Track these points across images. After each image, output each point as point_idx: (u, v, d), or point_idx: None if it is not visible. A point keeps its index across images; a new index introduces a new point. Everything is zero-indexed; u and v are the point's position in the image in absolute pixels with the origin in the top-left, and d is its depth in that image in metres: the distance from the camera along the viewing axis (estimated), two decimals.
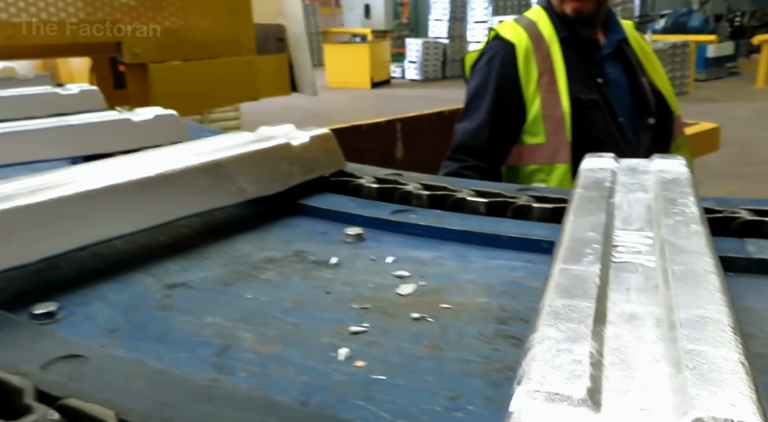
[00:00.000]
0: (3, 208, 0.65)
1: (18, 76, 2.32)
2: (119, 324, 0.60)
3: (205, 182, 0.82)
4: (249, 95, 2.31)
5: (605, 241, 0.55)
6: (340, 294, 0.66)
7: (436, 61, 15.72)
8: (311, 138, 0.98)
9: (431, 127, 4.23)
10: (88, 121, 1.22)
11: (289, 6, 2.33)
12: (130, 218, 0.75)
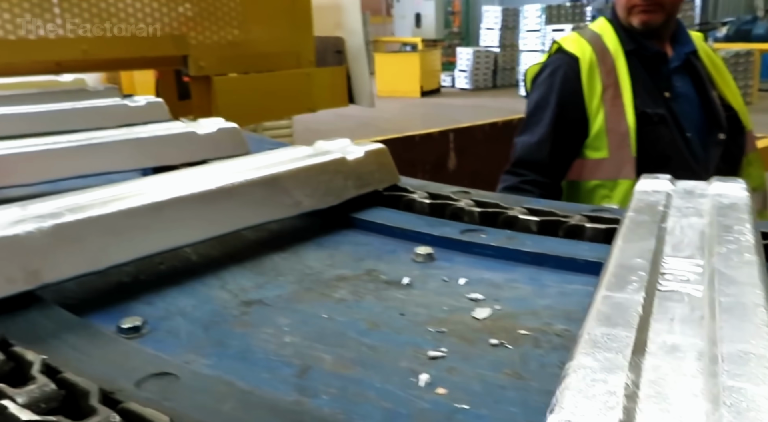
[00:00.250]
0: (77, 218, 0.69)
1: (88, 87, 2.43)
2: (201, 340, 0.62)
3: (262, 195, 0.85)
4: (307, 107, 2.35)
5: (652, 268, 0.54)
6: (415, 316, 0.65)
7: (487, 69, 15.62)
8: (366, 153, 0.99)
9: (484, 138, 4.20)
10: (156, 135, 1.26)
11: (349, 19, 2.36)
12: (193, 228, 0.78)
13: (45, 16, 1.79)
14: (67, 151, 1.15)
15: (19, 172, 1.09)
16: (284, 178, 0.88)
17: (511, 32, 15.47)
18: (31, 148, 1.12)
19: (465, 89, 15.61)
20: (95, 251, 0.69)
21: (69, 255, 0.67)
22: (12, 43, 1.75)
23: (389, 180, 1.03)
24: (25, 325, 0.60)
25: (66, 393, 0.48)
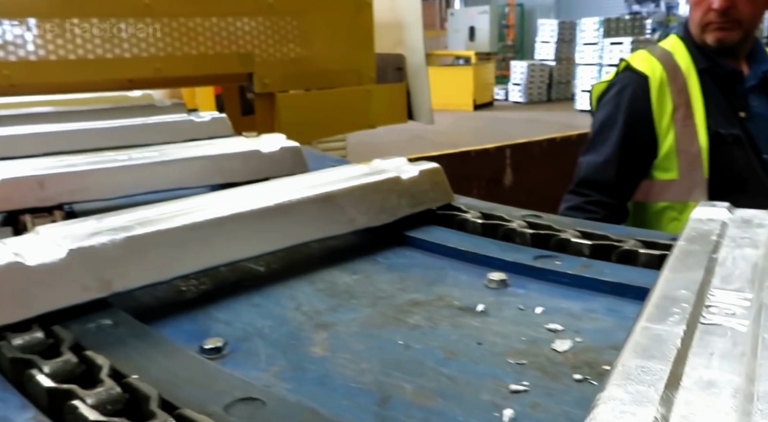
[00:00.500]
0: (145, 231, 0.73)
1: (156, 102, 2.52)
2: (280, 363, 0.62)
3: (318, 212, 0.88)
4: (367, 123, 2.37)
5: (697, 301, 0.53)
6: (493, 346, 0.64)
7: (542, 83, 15.42)
8: (420, 172, 1.01)
9: (542, 154, 4.14)
10: (222, 153, 1.30)
11: (410, 37, 2.38)
12: (251, 243, 0.81)
13: (122, 36, 1.87)
14: (140, 169, 1.20)
15: (97, 188, 1.15)
16: (340, 196, 0.91)
17: (568, 45, 15.23)
18: (108, 164, 1.18)
19: (518, 103, 15.44)
20: (162, 262, 0.73)
21: (138, 266, 0.71)
22: (91, 62, 1.84)
23: (443, 199, 1.05)
24: (97, 332, 0.63)
25: (129, 397, 0.51)
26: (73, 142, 1.56)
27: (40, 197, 1.09)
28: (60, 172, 1.12)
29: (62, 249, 0.67)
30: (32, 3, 1.78)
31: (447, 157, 3.86)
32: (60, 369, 0.55)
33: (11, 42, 1.73)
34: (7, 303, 0.62)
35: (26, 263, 0.64)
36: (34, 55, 1.76)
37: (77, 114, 2.03)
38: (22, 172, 1.10)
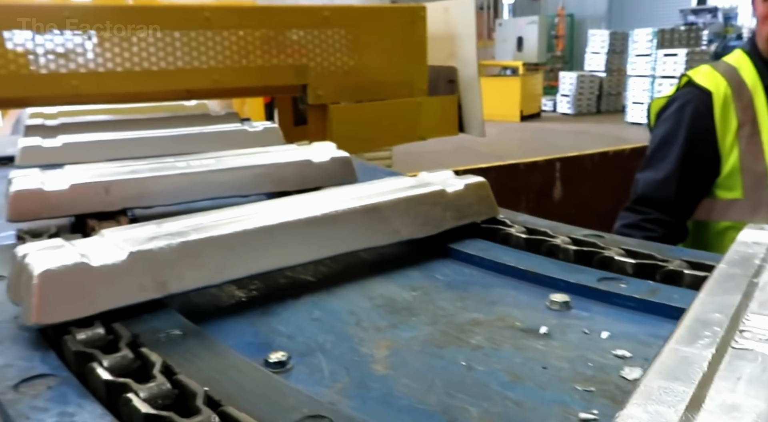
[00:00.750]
0: (200, 237, 0.77)
1: (210, 111, 2.58)
2: (344, 380, 0.63)
3: (363, 223, 0.91)
4: (418, 135, 2.37)
5: (731, 325, 0.52)
6: (559, 371, 0.63)
7: (591, 94, 15.15)
8: (466, 186, 1.02)
9: (593, 168, 4.06)
10: (275, 162, 1.35)
11: (463, 50, 2.37)
12: (298, 251, 0.85)
13: (183, 48, 1.93)
14: (197, 176, 1.25)
15: (158, 194, 1.20)
16: (385, 207, 0.93)
17: (619, 56, 14.94)
18: (168, 172, 1.23)
19: (567, 114, 15.21)
20: (213, 266, 0.77)
21: (192, 269, 0.75)
22: (153, 73, 1.90)
23: (488, 213, 1.05)
24: (167, 342, 0.64)
25: (179, 393, 0.54)
26: (135, 149, 1.63)
27: (105, 202, 1.15)
28: (124, 179, 1.18)
29: (123, 251, 0.71)
30: (100, 16, 1.85)
31: (495, 169, 3.83)
32: (117, 363, 0.59)
33: (80, 54, 1.81)
34: (72, 300, 0.66)
35: (91, 264, 0.68)
36: (102, 66, 1.83)
37: (138, 122, 2.10)
38: (89, 177, 1.15)
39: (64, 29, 1.77)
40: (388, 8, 2.57)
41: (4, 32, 1.72)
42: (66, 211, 1.13)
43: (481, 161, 8.85)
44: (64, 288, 0.66)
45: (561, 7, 18.51)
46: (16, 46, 1.74)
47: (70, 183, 1.12)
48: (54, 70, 1.77)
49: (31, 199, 1.08)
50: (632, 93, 13.29)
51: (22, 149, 1.52)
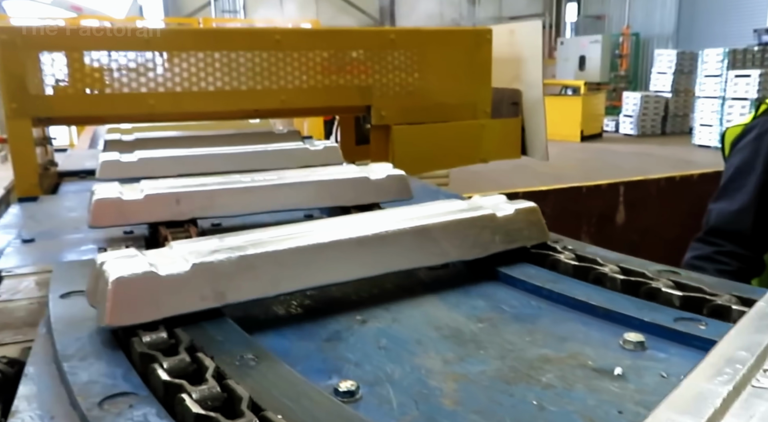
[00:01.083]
0: (256, 251, 0.83)
1: (273, 129, 2.64)
2: (413, 413, 0.62)
3: (413, 243, 0.95)
4: (480, 157, 2.35)
5: (755, 363, 0.52)
6: (636, 417, 0.61)
7: (656, 115, 14.71)
8: (516, 210, 1.05)
9: (659, 193, 3.93)
10: (334, 178, 1.41)
11: (528, 72, 2.35)
12: (349, 268, 0.90)
13: (254, 69, 1.99)
14: (260, 190, 1.32)
15: (224, 205, 1.29)
16: (435, 229, 0.97)
17: (687, 77, 14.46)
18: (234, 185, 1.31)
19: (629, 135, 14.80)
20: (268, 280, 0.83)
21: (248, 282, 0.81)
22: (225, 93, 1.97)
23: (538, 237, 1.06)
24: (240, 366, 0.66)
25: (227, 397, 0.59)
26: (204, 165, 1.71)
27: (176, 212, 1.24)
28: (193, 191, 1.27)
29: (188, 263, 0.77)
30: (178, 40, 1.93)
31: (555, 192, 3.75)
32: (175, 366, 0.64)
33: (158, 74, 1.89)
34: (141, 306, 0.73)
35: (159, 273, 0.74)
36: (179, 86, 1.91)
37: (207, 139, 2.19)
38: (162, 189, 1.24)
39: (144, 51, 1.86)
40: (454, 31, 2.58)
41: (88, 53, 1.82)
42: (140, 219, 1.22)
43: (540, 181, 8.71)
44: (134, 294, 0.72)
45: (626, 26, 18.10)
46: (99, 67, 1.84)
47: (145, 193, 1.22)
48: (133, 90, 1.86)
49: (110, 207, 1.19)
50: (700, 114, 12.82)
51: (102, 164, 1.61)
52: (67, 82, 1.80)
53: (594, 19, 20.29)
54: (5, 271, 1.04)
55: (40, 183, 1.80)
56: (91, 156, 2.45)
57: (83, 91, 1.82)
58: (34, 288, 0.96)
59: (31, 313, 0.89)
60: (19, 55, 1.72)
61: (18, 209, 1.58)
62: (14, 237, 1.29)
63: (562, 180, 9.11)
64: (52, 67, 1.78)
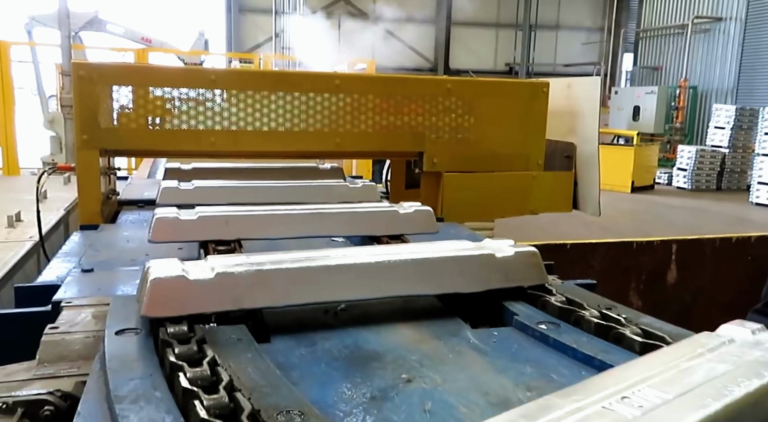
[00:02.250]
0: (271, 268, 0.99)
1: (318, 164, 2.68)
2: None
3: (411, 272, 1.08)
4: (530, 209, 2.33)
5: (622, 389, 0.60)
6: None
7: (711, 170, 14.33)
8: (516, 253, 1.14)
9: (713, 253, 3.80)
10: (364, 211, 1.60)
11: (584, 127, 2.34)
12: (348, 290, 1.04)
13: (309, 112, 2.04)
14: (295, 218, 1.52)
15: (263, 230, 1.49)
16: (433, 262, 1.10)
17: (746, 133, 14.09)
18: (273, 212, 1.52)
19: (683, 189, 14.42)
20: (278, 293, 0.98)
21: (261, 292, 0.97)
22: (281, 134, 2.02)
23: (537, 279, 1.13)
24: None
25: (233, 407, 0.66)
26: (253, 195, 1.86)
27: (224, 231, 1.44)
28: (239, 215, 1.47)
29: (214, 272, 0.95)
30: (243, 81, 2.01)
31: (605, 246, 3.67)
32: (184, 353, 0.79)
33: (218, 113, 1.96)
34: (170, 303, 0.90)
35: (188, 277, 0.93)
36: (235, 125, 1.97)
37: (256, 171, 2.27)
38: (213, 212, 1.45)
39: (209, 90, 1.94)
40: (511, 83, 2.60)
41: (158, 90, 1.91)
42: (193, 237, 1.43)
43: (588, 230, 8.53)
44: (166, 292, 0.90)
45: (684, 79, 17.86)
46: (167, 103, 1.92)
47: (198, 215, 1.43)
48: (195, 127, 1.93)
49: (168, 225, 1.40)
50: (759, 172, 12.42)
51: (162, 190, 1.73)
52: (135, 116, 1.88)
53: (650, 69, 20.11)
54: (65, 302, 1.07)
55: (102, 211, 1.88)
56: (150, 185, 2.55)
57: (149, 126, 1.90)
58: (91, 321, 0.99)
59: (87, 347, 0.92)
60: (94, 89, 1.82)
61: (79, 237, 1.65)
62: (74, 266, 1.34)
63: (611, 231, 8.90)
64: (123, 102, 1.87)
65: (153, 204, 1.74)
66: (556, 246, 3.46)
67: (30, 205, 2.85)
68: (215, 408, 0.65)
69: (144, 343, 0.85)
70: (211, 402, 0.68)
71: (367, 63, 10.73)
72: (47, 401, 0.78)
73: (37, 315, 1.06)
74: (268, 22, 17.50)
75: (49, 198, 4.06)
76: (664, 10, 19.54)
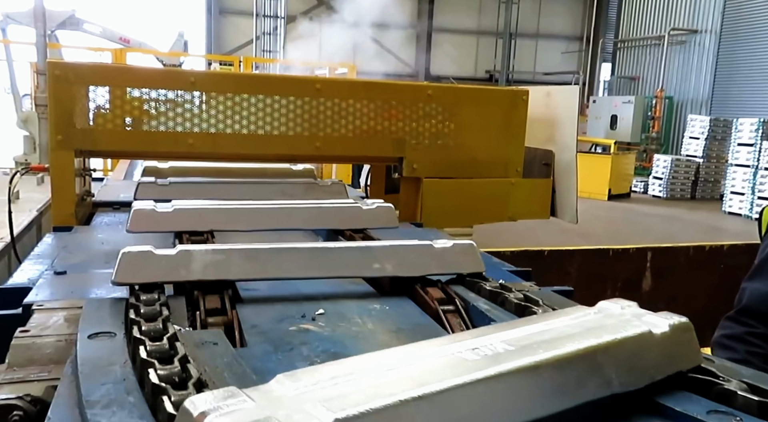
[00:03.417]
0: (225, 248, 1.15)
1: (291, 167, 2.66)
2: None
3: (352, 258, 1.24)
4: (508, 215, 2.35)
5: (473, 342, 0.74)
6: None
7: (686, 179, 14.59)
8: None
9: (687, 262, 3.86)
10: (328, 205, 1.67)
11: (562, 135, 2.37)
12: (294, 269, 1.21)
13: (289, 116, 2.04)
14: (265, 212, 1.59)
15: (233, 223, 1.57)
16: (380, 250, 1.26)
17: (720, 143, 14.38)
18: (242, 206, 1.60)
19: (658, 197, 14.66)
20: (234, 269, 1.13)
21: (219, 267, 1.12)
22: (261, 137, 2.01)
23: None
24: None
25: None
26: (223, 192, 1.93)
27: (197, 223, 1.55)
28: (212, 208, 1.58)
29: (175, 250, 1.11)
30: (222, 83, 1.99)
31: (581, 253, 3.71)
32: (150, 312, 0.92)
33: (197, 115, 1.94)
34: (140, 272, 1.05)
35: (154, 252, 1.08)
36: (214, 128, 1.95)
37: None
38: (187, 206, 1.55)
39: (188, 92, 1.92)
40: (491, 90, 2.62)
41: (135, 91, 1.89)
42: (169, 227, 1.52)
43: (565, 237, 8.60)
44: (135, 262, 1.05)
45: (660, 89, 18.17)
46: (144, 105, 1.90)
47: (173, 208, 1.52)
48: (174, 129, 1.91)
49: (145, 216, 1.49)
50: (732, 182, 12.68)
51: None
52: (112, 117, 1.86)
53: (628, 79, 20.43)
54: (36, 304, 1.05)
55: (76, 213, 1.84)
56: (126, 186, 2.51)
57: (126, 126, 1.88)
58: (63, 324, 0.97)
59: (59, 350, 0.90)
60: (69, 89, 1.79)
61: (52, 238, 1.62)
62: (47, 268, 1.32)
63: (587, 237, 9.00)
64: (99, 103, 1.85)
65: (129, 206, 1.71)
66: (534, 252, 3.49)
67: (2, 206, 2.80)
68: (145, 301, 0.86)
69: (117, 347, 0.83)
70: (177, 398, 0.67)
71: (347, 67, 10.74)
72: (16, 406, 0.76)
73: (7, 318, 1.04)
74: (248, 25, 17.41)
75: (21, 198, 3.99)
76: (641, 21, 19.88)
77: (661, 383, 0.78)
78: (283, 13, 16.36)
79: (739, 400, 0.77)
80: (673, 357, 0.81)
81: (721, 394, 0.78)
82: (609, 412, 0.74)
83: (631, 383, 0.75)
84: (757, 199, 11.79)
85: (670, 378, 0.80)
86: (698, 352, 0.85)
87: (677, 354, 0.82)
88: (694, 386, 0.80)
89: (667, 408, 0.76)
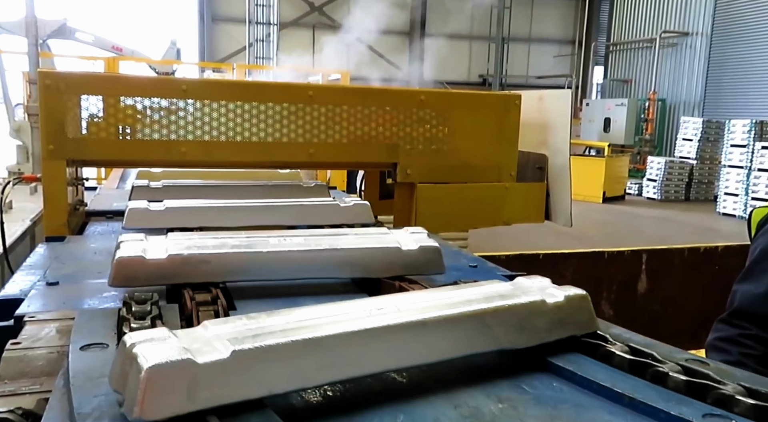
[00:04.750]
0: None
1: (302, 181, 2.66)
2: None
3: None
4: (502, 220, 2.35)
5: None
6: None
7: (680, 181, 14.65)
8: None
9: (682, 263, 3.87)
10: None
11: (555, 139, 2.37)
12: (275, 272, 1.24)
13: (282, 122, 2.03)
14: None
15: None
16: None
17: (713, 145, 14.46)
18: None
19: (652, 199, 14.72)
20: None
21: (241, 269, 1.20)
22: (255, 144, 2.00)
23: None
24: None
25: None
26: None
27: (187, 220, 1.64)
28: (201, 207, 1.70)
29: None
30: (213, 91, 1.99)
31: (577, 256, 3.72)
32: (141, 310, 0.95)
33: (189, 123, 1.94)
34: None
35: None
36: (207, 135, 1.95)
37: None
38: (179, 204, 1.68)
39: (180, 100, 1.92)
40: (484, 95, 2.63)
41: (127, 99, 1.88)
42: (161, 224, 1.57)
43: (559, 240, 8.61)
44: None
45: (653, 92, 18.26)
46: (136, 113, 1.89)
47: (166, 206, 1.60)
48: (167, 137, 1.91)
49: (139, 214, 1.64)
50: (725, 183, 12.75)
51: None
52: (104, 126, 1.85)
53: (620, 82, 20.53)
54: (28, 316, 1.04)
55: (68, 222, 1.83)
56: (119, 195, 2.50)
57: (118, 135, 1.87)
58: (55, 336, 0.97)
59: (50, 363, 0.89)
60: (61, 98, 1.78)
61: (45, 249, 1.61)
62: (39, 278, 1.31)
63: (582, 240, 9.01)
64: (91, 112, 1.84)
65: (122, 215, 1.71)
66: (529, 256, 3.49)
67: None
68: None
69: (110, 358, 0.83)
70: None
71: (341, 73, 10.75)
72: (7, 419, 0.75)
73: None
74: (241, 32, 17.42)
75: (14, 208, 3.97)
76: (632, 24, 20.00)
77: (554, 344, 0.93)
78: (276, 20, 16.38)
79: (735, 403, 0.77)
80: (567, 324, 0.95)
81: (718, 398, 0.78)
82: (507, 366, 0.91)
83: (520, 342, 0.91)
84: (750, 200, 11.84)
85: (563, 341, 0.94)
86: (593, 320, 0.98)
87: (572, 321, 0.95)
88: (587, 349, 0.94)
89: (558, 367, 0.90)
